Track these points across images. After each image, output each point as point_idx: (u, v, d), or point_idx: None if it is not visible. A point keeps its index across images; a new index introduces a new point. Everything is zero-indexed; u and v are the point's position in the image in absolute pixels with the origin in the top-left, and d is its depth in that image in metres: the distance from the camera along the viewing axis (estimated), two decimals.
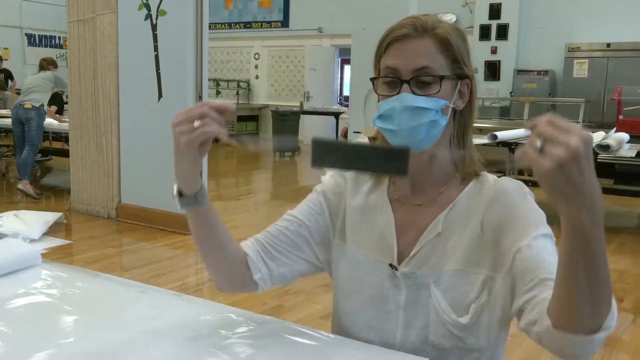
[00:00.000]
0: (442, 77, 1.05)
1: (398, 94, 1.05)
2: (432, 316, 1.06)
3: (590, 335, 0.85)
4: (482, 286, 1.05)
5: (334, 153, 0.93)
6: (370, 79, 1.11)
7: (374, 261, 1.14)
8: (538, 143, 0.73)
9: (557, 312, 0.86)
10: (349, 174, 1.23)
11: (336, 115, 10.76)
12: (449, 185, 1.12)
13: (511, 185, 1.09)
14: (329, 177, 1.26)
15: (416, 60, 1.04)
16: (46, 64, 6.56)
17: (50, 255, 4.05)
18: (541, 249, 0.99)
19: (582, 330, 0.84)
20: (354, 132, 6.18)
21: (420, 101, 1.03)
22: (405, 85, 1.05)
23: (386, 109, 1.06)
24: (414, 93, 1.04)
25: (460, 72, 1.08)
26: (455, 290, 1.06)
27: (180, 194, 1.06)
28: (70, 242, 4.55)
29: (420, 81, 1.05)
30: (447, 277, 1.07)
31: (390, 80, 1.07)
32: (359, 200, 1.19)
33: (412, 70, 1.04)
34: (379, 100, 1.09)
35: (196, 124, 0.95)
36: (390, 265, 1.11)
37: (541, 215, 1.04)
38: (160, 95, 4.92)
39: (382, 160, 0.91)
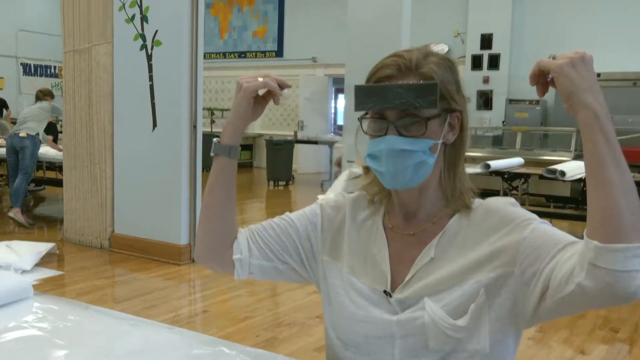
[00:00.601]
0: (427, 119, 1.05)
1: (385, 134, 1.06)
2: (428, 324, 1.05)
3: None
4: (478, 288, 1.04)
5: (373, 95, 1.05)
6: (358, 119, 1.11)
7: (367, 287, 1.13)
8: (552, 56, 0.97)
9: (600, 222, 0.90)
10: (350, 197, 1.24)
11: (330, 144, 10.79)
12: (440, 216, 1.13)
13: (498, 199, 1.12)
14: (332, 196, 1.28)
15: None
16: (42, 95, 6.60)
17: (42, 287, 4.02)
18: (546, 229, 1.02)
19: (631, 237, 0.87)
20: (348, 161, 6.20)
21: (406, 144, 1.04)
22: (391, 127, 1.06)
23: (374, 149, 1.08)
24: (400, 134, 1.05)
25: (448, 107, 1.08)
26: (449, 297, 1.06)
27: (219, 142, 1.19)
28: (62, 273, 4.51)
29: (406, 122, 1.05)
30: (440, 290, 1.07)
31: (377, 120, 1.08)
32: (355, 227, 1.20)
33: (397, 112, 1.05)
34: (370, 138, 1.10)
35: (259, 79, 1.14)
36: (385, 292, 1.11)
37: (534, 215, 1.07)
38: (155, 125, 4.94)
39: (414, 95, 1.02)
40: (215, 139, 1.18)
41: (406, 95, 1.02)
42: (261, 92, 1.15)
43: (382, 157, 1.06)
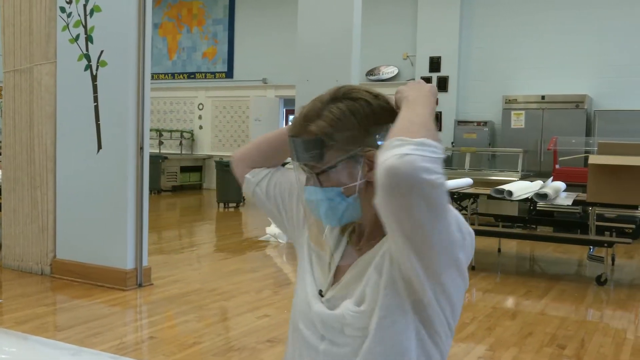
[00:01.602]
0: (323, 171, 1.13)
1: (307, 184, 1.18)
2: (339, 316, 1.13)
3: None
4: (372, 270, 1.12)
5: (290, 145, 1.15)
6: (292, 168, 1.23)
7: (317, 279, 1.23)
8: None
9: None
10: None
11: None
12: (382, 235, 1.16)
13: None
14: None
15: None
16: None
17: None
18: None
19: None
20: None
21: (318, 193, 1.15)
22: (309, 177, 1.17)
23: (305, 195, 1.19)
24: (320, 182, 1.15)
25: (358, 152, 1.12)
26: (358, 290, 1.13)
27: None
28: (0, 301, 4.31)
29: (316, 173, 1.14)
30: (354, 288, 1.14)
31: (301, 170, 1.19)
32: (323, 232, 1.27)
33: (307, 164, 1.15)
34: None
35: None
36: (320, 292, 1.19)
37: None
38: (99, 147, 4.80)
39: (303, 150, 1.12)
40: None
41: (299, 150, 1.13)
42: None
43: (310, 202, 1.18)
